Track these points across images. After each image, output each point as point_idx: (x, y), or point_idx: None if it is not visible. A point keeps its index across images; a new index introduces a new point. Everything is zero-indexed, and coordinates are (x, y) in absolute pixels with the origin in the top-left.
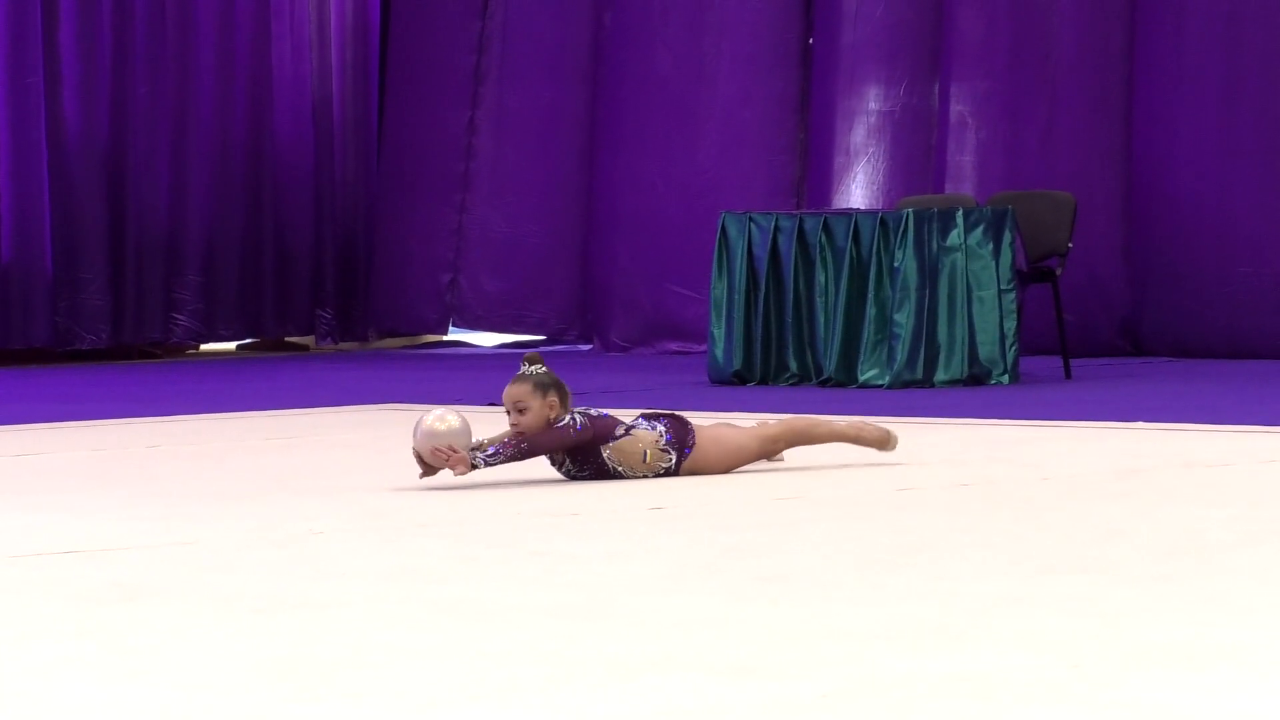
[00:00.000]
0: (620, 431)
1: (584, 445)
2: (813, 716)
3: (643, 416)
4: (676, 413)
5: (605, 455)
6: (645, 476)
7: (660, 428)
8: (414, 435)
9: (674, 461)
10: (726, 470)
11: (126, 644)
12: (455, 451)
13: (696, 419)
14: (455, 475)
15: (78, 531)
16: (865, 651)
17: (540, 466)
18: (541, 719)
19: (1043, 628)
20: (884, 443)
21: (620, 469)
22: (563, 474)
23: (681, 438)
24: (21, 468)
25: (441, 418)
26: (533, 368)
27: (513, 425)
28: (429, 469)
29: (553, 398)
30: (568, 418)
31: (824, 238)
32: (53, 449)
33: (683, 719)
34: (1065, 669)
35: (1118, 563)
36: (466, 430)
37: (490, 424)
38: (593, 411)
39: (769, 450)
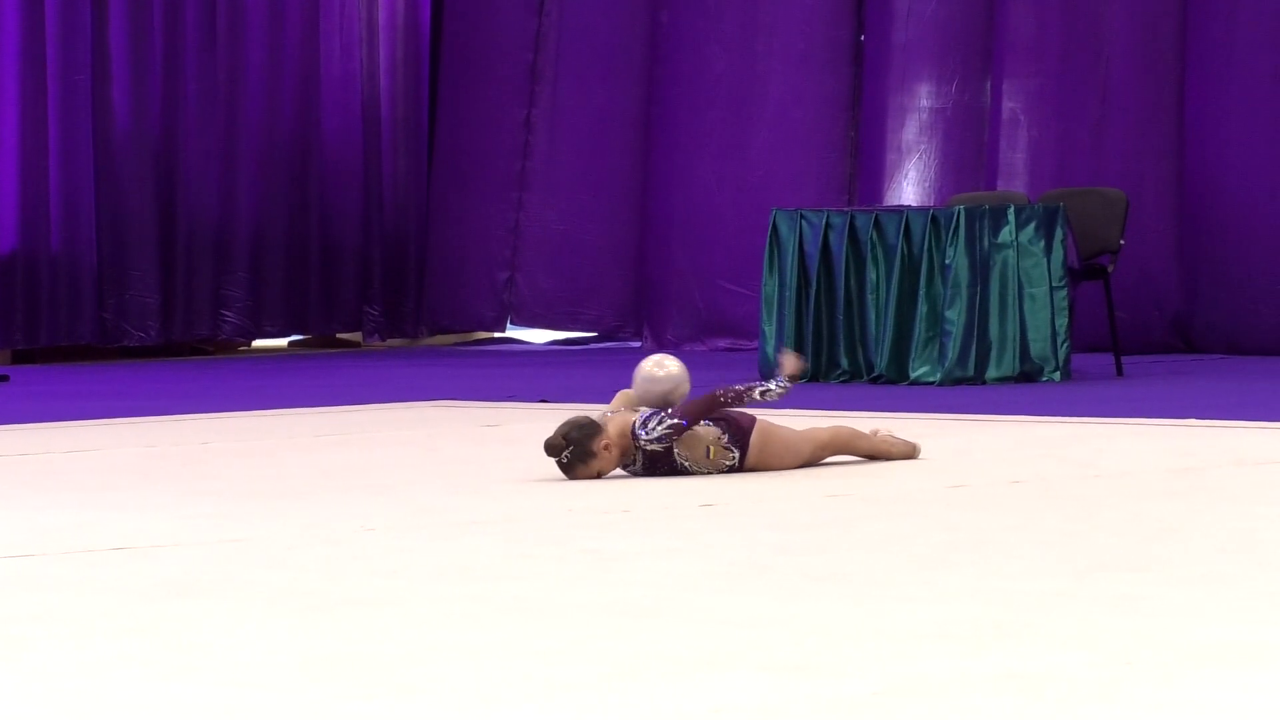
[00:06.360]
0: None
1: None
2: (864, 714)
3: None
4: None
5: (676, 451)
6: (710, 473)
7: (716, 428)
8: (634, 380)
9: (737, 458)
10: (784, 468)
11: (178, 641)
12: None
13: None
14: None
15: (129, 528)
16: (917, 650)
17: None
18: (595, 717)
19: (1095, 626)
20: (908, 456)
21: (687, 464)
22: (629, 473)
23: (738, 435)
24: (72, 464)
25: (659, 363)
26: (565, 453)
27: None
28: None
29: (600, 455)
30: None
31: (875, 235)
32: (103, 445)
33: (735, 717)
34: (1118, 668)
35: (1170, 561)
36: (684, 376)
37: (539, 418)
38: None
39: (817, 456)
